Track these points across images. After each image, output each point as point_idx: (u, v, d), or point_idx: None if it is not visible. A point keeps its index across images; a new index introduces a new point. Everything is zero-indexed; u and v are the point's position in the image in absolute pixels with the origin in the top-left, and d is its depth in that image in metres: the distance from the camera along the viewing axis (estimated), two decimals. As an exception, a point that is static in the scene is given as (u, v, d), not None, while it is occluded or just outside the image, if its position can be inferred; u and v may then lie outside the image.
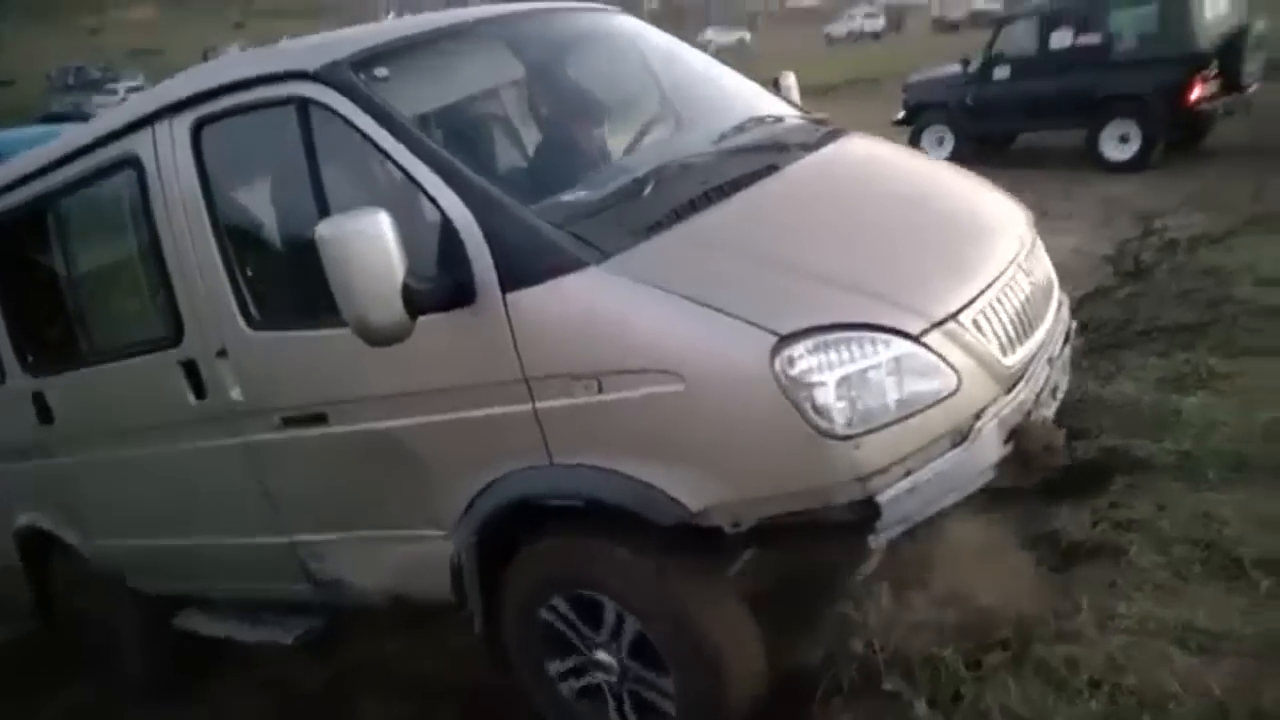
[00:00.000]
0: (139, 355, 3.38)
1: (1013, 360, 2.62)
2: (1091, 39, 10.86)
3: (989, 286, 2.64)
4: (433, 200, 2.58)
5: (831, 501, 2.34)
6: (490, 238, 2.51)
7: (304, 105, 2.77)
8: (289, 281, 3.07)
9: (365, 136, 2.67)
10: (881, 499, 2.34)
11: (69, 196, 3.55)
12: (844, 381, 2.31)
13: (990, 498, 2.70)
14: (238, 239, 3.05)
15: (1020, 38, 11.67)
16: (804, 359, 2.29)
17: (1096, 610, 2.70)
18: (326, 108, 2.73)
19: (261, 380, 3.06)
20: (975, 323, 2.53)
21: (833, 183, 3.10)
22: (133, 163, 3.21)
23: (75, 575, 4.19)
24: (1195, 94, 10.06)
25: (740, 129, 3.22)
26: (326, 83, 2.74)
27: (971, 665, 2.61)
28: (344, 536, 3.16)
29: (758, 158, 2.99)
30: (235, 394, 3.11)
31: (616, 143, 3.46)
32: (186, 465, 3.40)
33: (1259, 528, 2.92)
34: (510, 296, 2.49)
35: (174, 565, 3.79)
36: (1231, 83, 10.24)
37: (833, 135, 3.34)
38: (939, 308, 2.49)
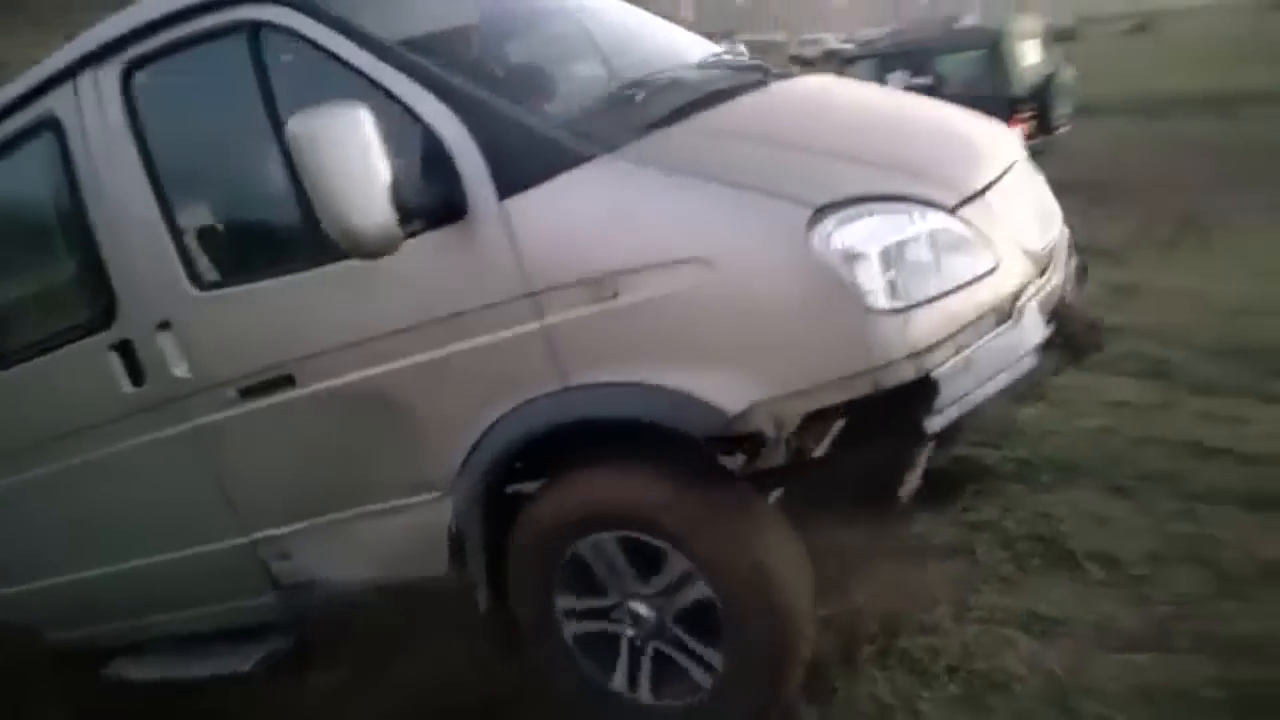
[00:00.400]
0: (59, 348, 2.97)
1: (1041, 244, 2.55)
2: (924, 80, 11.66)
3: (1004, 174, 2.53)
4: (414, 114, 2.33)
5: (883, 383, 2.13)
6: (482, 142, 2.28)
7: (255, 31, 2.48)
8: (242, 232, 2.80)
9: (332, 55, 2.40)
10: (937, 375, 2.16)
11: None
12: (886, 254, 2.14)
13: (857, 507, 2.89)
14: (180, 193, 2.72)
15: (863, 77, 12.41)
16: (843, 231, 2.12)
17: (952, 604, 2.92)
18: (285, 29, 2.45)
19: (212, 349, 2.71)
20: (1000, 205, 2.43)
21: (824, 95, 2.99)
22: (49, 124, 2.84)
23: None
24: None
25: (706, 62, 3.00)
26: (284, 2, 2.46)
27: (844, 660, 2.78)
28: (315, 523, 2.78)
29: (742, 75, 2.83)
30: (180, 371, 2.74)
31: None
32: (120, 470, 2.98)
33: (1089, 523, 3.24)
34: (508, 203, 2.26)
35: (105, 602, 3.27)
36: (1043, 124, 11.21)
37: (796, 72, 3.18)
38: (966, 185, 2.37)
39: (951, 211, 2.27)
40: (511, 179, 2.27)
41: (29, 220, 3.16)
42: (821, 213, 2.12)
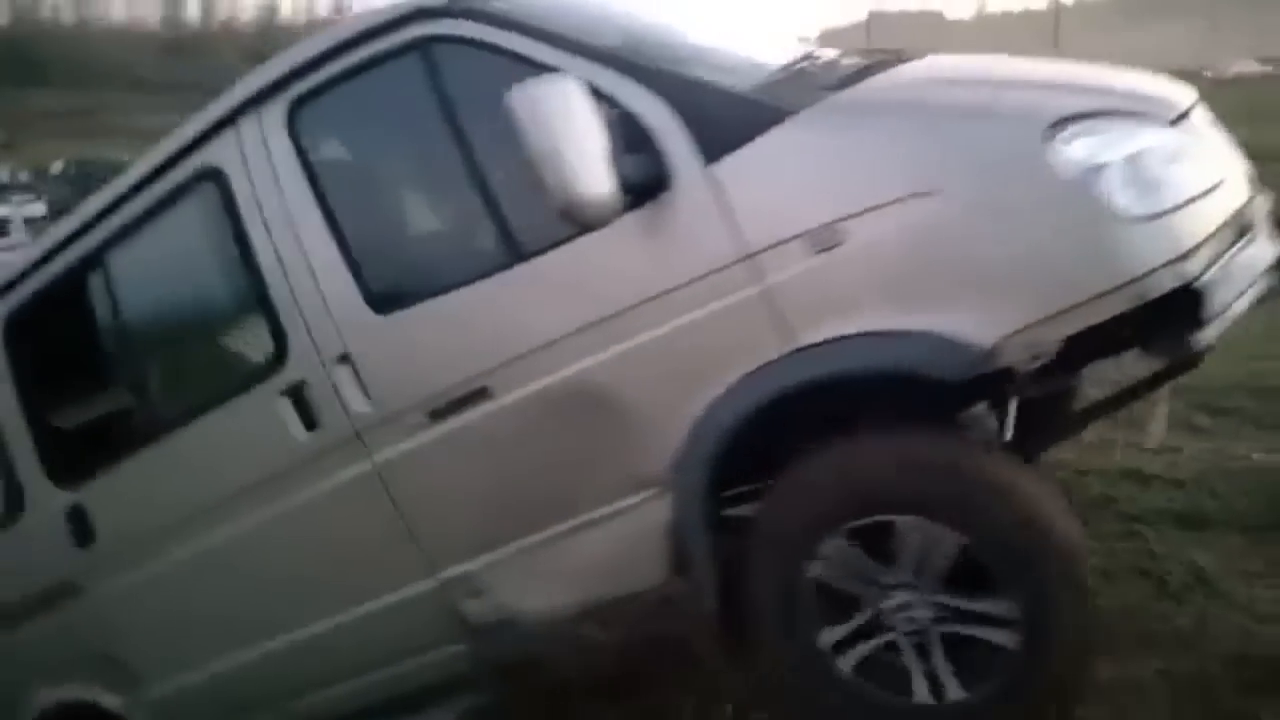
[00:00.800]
0: (219, 405, 2.85)
1: (1247, 166, 2.50)
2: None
3: (1193, 105, 2.43)
4: (607, 97, 2.27)
5: (1147, 294, 2.02)
6: (681, 113, 2.24)
7: (427, 47, 2.49)
8: (422, 248, 2.81)
9: (517, 57, 2.37)
10: (1201, 284, 2.06)
11: (114, 250, 3.03)
12: (1127, 162, 2.06)
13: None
14: (354, 222, 2.67)
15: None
16: (1080, 143, 2.05)
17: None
18: (460, 39, 2.46)
19: (397, 375, 2.61)
20: (1202, 128, 2.42)
21: (978, 59, 2.85)
22: (211, 175, 2.81)
23: None
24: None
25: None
26: (457, 14, 2.47)
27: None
28: (513, 549, 2.61)
29: (877, 56, 2.66)
30: (360, 405, 2.63)
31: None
32: (290, 527, 2.81)
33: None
34: (714, 168, 2.22)
35: (272, 682, 3.02)
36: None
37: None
38: (1171, 107, 2.31)
39: (1174, 123, 2.24)
40: (715, 145, 2.23)
41: (190, 276, 3.12)
42: (1056, 128, 2.05)
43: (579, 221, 2.19)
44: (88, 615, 3.20)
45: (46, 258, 3.19)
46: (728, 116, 2.26)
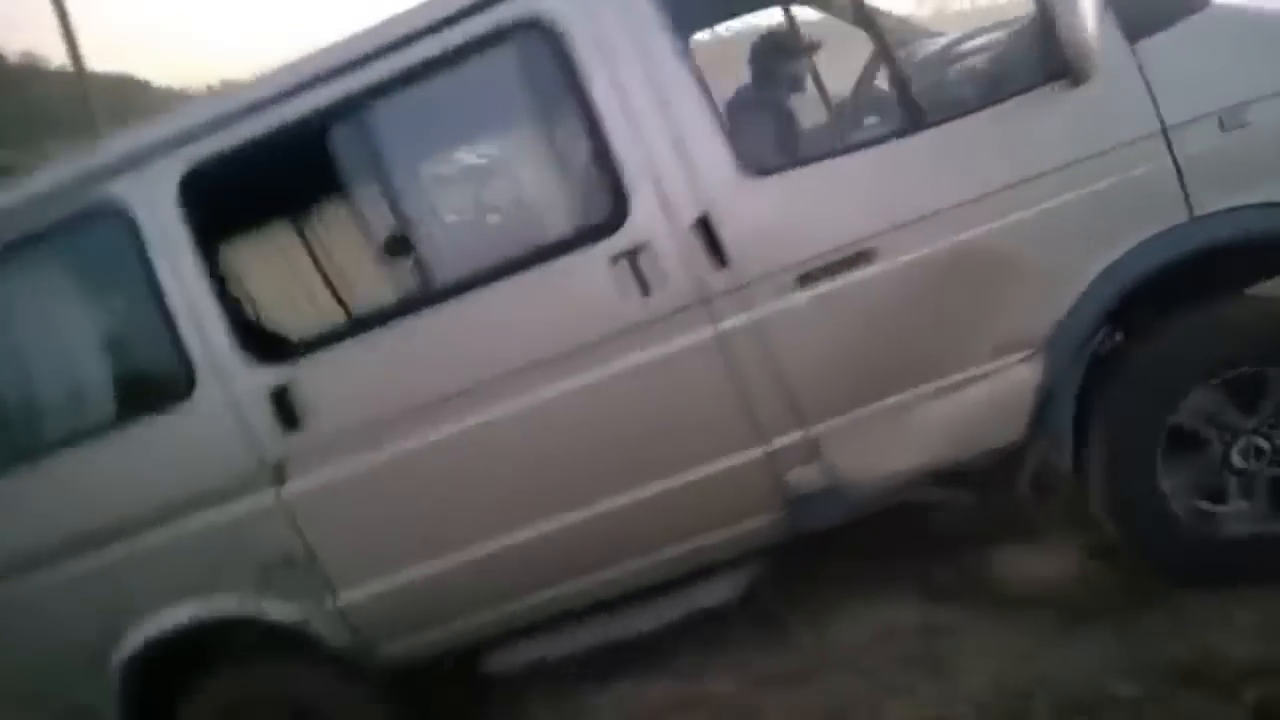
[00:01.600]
0: (531, 267, 2.66)
1: None
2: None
3: None
4: None
5: None
6: None
7: None
8: (808, 114, 2.95)
9: None
10: None
11: (371, 105, 2.73)
12: None
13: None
14: (722, 83, 2.73)
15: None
16: None
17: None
18: None
19: (763, 240, 2.57)
20: None
21: None
22: (533, 24, 2.61)
23: (265, 681, 3.08)
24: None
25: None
26: None
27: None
28: (864, 414, 2.63)
29: None
30: (713, 270, 2.58)
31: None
32: (597, 400, 2.66)
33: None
34: (1138, 46, 2.44)
35: (516, 574, 2.84)
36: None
37: None
38: None
39: None
40: (1138, 26, 2.45)
41: (489, 125, 3.04)
42: None
43: (1080, 69, 2.36)
44: (276, 512, 2.85)
45: (255, 108, 2.77)
46: (1152, 2, 2.47)
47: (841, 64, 3.38)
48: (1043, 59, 2.45)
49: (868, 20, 2.78)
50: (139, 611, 2.96)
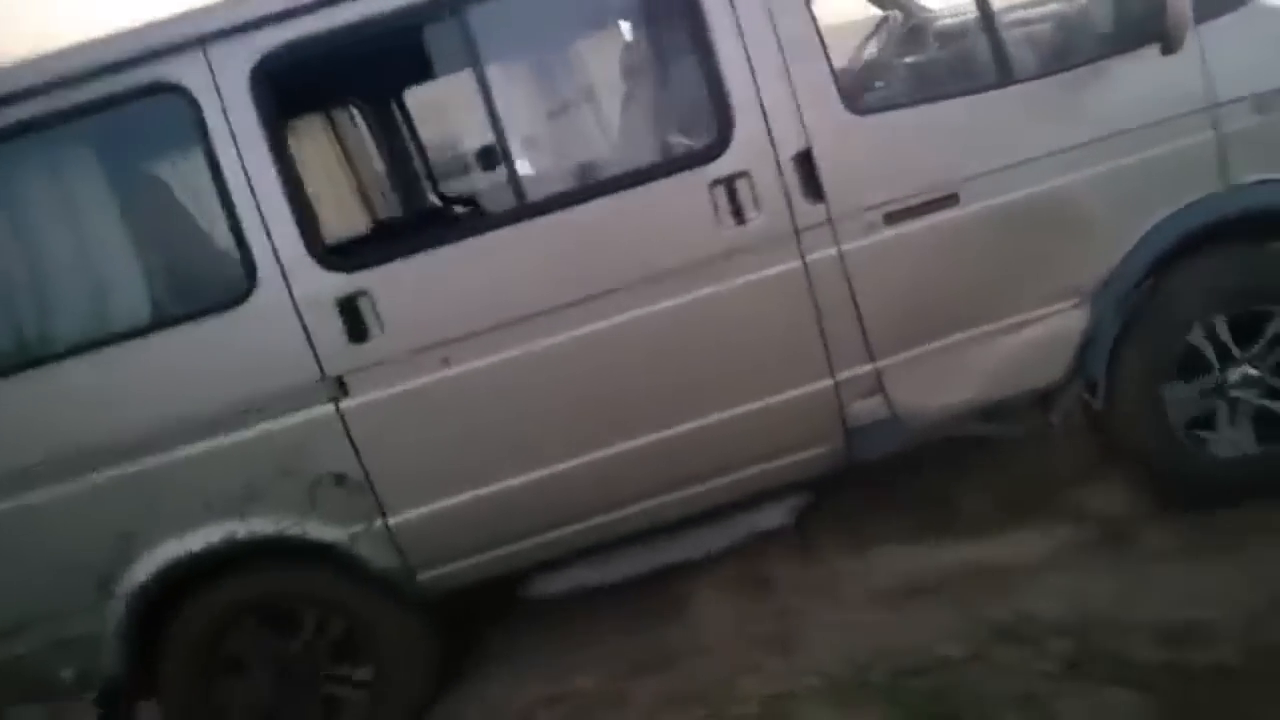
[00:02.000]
0: (629, 188, 2.70)
1: None
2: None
3: None
4: None
5: None
6: None
7: None
8: (916, 59, 3.00)
9: None
10: None
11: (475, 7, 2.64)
12: None
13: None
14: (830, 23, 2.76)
15: None
16: None
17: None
18: None
19: (860, 176, 2.70)
20: None
21: None
22: None
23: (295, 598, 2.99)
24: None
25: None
26: None
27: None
28: (932, 347, 2.83)
29: None
30: (809, 203, 2.69)
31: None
32: (676, 324, 2.72)
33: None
34: (1201, 28, 2.65)
35: (590, 494, 2.86)
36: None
37: None
38: None
39: None
40: (1204, 9, 2.65)
41: (631, 44, 3.03)
42: None
43: (1176, 38, 2.57)
44: (334, 427, 2.75)
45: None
46: None
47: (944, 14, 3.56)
48: (1140, 24, 2.67)
49: None
50: (162, 531, 2.78)
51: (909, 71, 3.11)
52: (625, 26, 3.00)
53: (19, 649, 2.84)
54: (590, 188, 2.82)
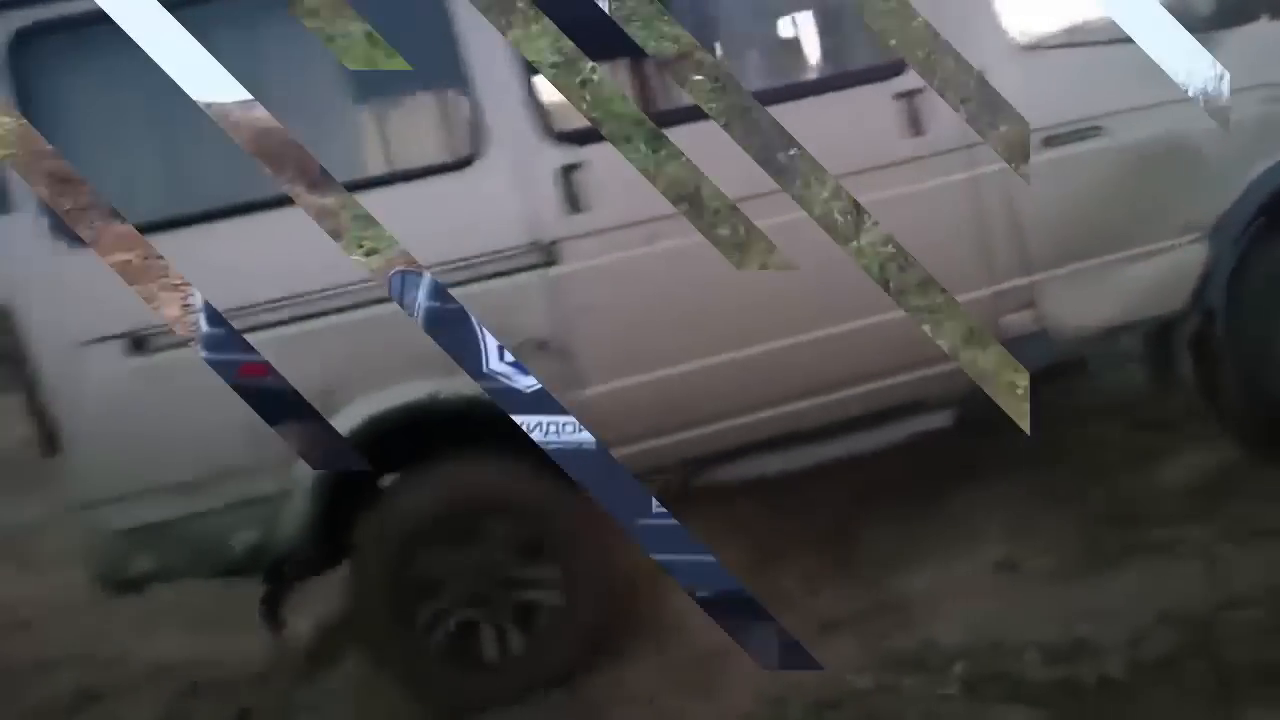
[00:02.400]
0: (822, 93, 3.12)
1: None
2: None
3: None
4: None
5: None
6: None
7: None
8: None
9: None
10: None
11: None
12: None
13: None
14: None
15: None
16: None
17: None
18: None
19: (1025, 101, 2.91)
20: None
21: None
22: None
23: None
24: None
25: None
26: None
27: None
28: (1081, 267, 3.12)
29: None
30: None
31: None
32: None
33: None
34: None
35: (745, 387, 3.00)
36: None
37: None
38: None
39: None
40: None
41: None
42: None
43: None
44: (541, 293, 2.86)
45: None
46: None
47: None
48: None
49: None
50: (366, 384, 2.79)
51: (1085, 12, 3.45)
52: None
53: (198, 505, 2.74)
54: (791, 88, 3.27)
